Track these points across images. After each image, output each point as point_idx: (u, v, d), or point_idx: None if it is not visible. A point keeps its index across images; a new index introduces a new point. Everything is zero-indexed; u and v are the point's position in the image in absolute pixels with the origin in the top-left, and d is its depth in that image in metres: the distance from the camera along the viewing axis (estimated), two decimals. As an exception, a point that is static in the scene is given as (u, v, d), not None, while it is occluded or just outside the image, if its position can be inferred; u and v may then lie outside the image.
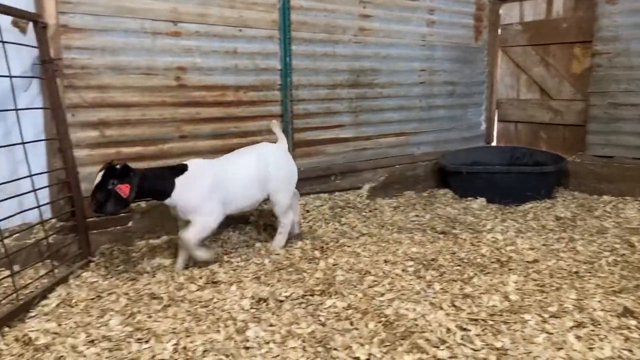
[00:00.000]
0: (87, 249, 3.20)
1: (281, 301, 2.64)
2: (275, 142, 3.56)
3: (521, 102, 5.92)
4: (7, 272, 2.90)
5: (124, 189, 2.76)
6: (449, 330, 2.30)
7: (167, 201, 3.01)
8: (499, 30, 5.97)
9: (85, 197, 3.24)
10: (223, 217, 3.17)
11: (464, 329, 2.31)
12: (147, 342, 2.24)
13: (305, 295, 2.70)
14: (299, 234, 3.77)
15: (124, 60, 3.40)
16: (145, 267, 3.16)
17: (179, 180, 3.00)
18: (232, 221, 3.87)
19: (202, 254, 3.12)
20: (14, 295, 2.54)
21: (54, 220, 3.14)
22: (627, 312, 2.41)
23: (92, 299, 2.69)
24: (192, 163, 3.11)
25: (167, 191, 2.97)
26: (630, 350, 2.11)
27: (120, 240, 3.48)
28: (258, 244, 3.57)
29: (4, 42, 2.62)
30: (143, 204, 3.59)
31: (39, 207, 2.87)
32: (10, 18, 2.90)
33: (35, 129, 3.13)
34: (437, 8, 5.24)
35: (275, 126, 3.58)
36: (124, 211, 3.27)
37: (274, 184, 3.37)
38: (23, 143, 2.74)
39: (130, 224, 3.54)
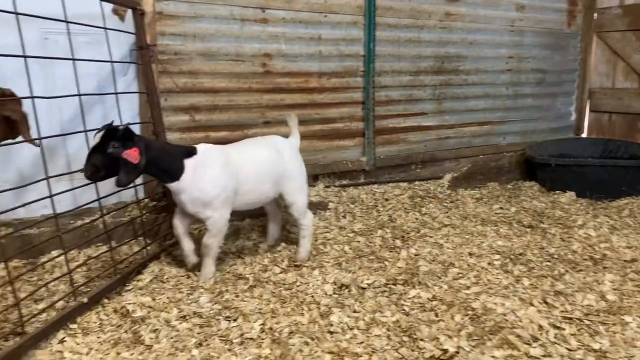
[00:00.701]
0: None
1: (363, 288, 2.63)
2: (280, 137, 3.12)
3: (616, 91, 5.53)
4: (104, 248, 3.10)
5: (132, 154, 2.36)
6: (541, 327, 2.21)
7: (174, 185, 2.58)
8: (595, 15, 5.58)
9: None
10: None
11: (558, 328, 2.21)
12: (235, 320, 2.30)
13: (388, 284, 2.68)
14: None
15: (213, 46, 3.49)
16: (230, 248, 3.24)
17: (188, 163, 2.58)
18: (312, 207, 3.90)
19: (213, 268, 2.77)
20: (112, 269, 2.70)
21: (147, 200, 3.29)
22: None
23: (182, 275, 2.80)
24: (202, 147, 2.69)
25: (174, 172, 2.55)
26: None
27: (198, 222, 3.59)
28: (336, 230, 3.57)
29: (107, 29, 2.76)
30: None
31: (134, 186, 3.01)
32: (110, 6, 3.05)
33: (132, 112, 3.28)
34: (528, -9, 4.99)
35: (292, 119, 3.16)
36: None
37: (291, 182, 2.95)
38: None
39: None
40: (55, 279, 2.57)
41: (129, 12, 3.13)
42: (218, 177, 2.62)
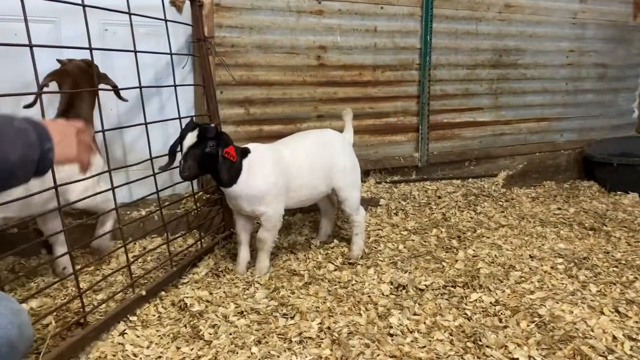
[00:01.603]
0: (230, 221, 3.33)
1: (422, 290, 2.56)
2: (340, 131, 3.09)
3: (686, 87, 5.23)
4: (159, 240, 3.13)
5: (231, 152, 2.40)
6: (615, 338, 2.09)
7: (232, 189, 2.54)
8: (664, 6, 5.28)
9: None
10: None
11: (634, 339, 2.08)
12: (292, 317, 2.27)
13: (447, 286, 2.59)
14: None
15: (269, 38, 3.46)
16: (282, 243, 3.22)
17: (244, 163, 2.54)
18: (363, 203, 3.85)
19: (267, 262, 2.78)
20: (168, 262, 2.71)
21: (200, 193, 3.30)
22: None
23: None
24: (253, 147, 2.65)
25: (235, 173, 2.51)
26: None
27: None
28: (388, 228, 3.50)
29: (166, 21, 2.75)
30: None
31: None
32: (169, -3, 3.06)
33: (187, 104, 3.29)
34: (593, -19, 4.76)
35: (348, 113, 3.09)
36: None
37: (344, 177, 2.88)
38: (179, 118, 2.87)
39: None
40: (115, 271, 2.60)
41: (187, 3, 3.12)
42: (269, 174, 2.59)
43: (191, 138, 2.34)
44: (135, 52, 2.47)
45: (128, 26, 2.40)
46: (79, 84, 2.50)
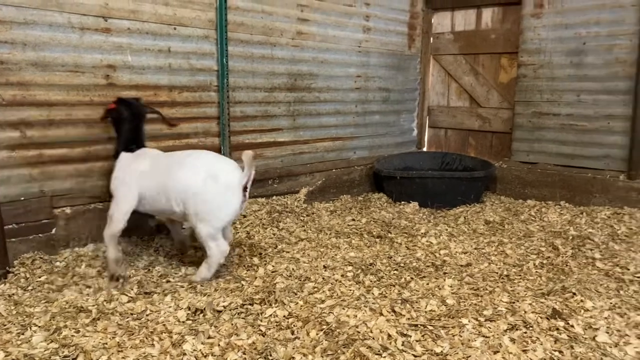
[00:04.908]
0: (5, 259, 2.96)
1: (219, 311, 2.56)
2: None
3: (451, 109, 6.12)
4: None
5: None
6: (390, 336, 2.32)
7: None
8: (432, 39, 6.14)
9: (2, 202, 3.00)
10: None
11: (405, 335, 2.34)
12: (74, 359, 2.09)
13: (245, 305, 2.63)
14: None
15: (48, 56, 3.17)
16: (70, 278, 2.95)
17: None
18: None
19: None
20: None
21: None
22: (555, 314, 2.52)
23: (11, 313, 2.48)
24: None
25: None
26: (560, 352, 2.20)
27: (42, 249, 3.25)
28: (190, 251, 3.44)
29: None
30: (68, 209, 3.37)
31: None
32: None
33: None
34: (373, 15, 5.31)
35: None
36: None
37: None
38: None
39: (53, 231, 3.31)
40: None
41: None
42: None
43: None
44: None
45: None
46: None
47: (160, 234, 3.73)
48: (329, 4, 4.83)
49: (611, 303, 2.68)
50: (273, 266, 3.19)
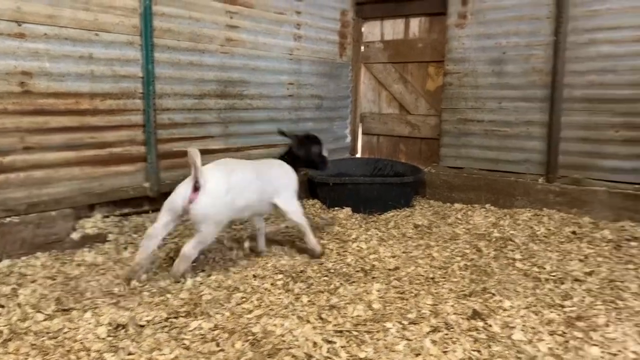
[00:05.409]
0: None
1: (142, 326, 2.48)
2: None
3: (382, 116, 6.26)
4: None
5: None
6: (315, 344, 2.32)
7: None
8: (363, 47, 6.26)
9: None
10: None
11: (330, 342, 2.35)
12: (-21, 385, 1.96)
13: (169, 318, 2.56)
14: None
15: (-47, 61, 2.99)
16: (-18, 297, 2.78)
17: None
18: (87, 240, 3.60)
19: None
20: None
21: None
22: (475, 315, 2.62)
23: None
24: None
25: None
26: (478, 351, 2.29)
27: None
28: (111, 264, 3.32)
29: None
30: (-21, 224, 3.18)
31: None
32: None
33: None
34: (304, 23, 5.36)
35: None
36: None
37: None
38: None
39: (-38, 247, 3.11)
40: None
41: None
42: None
43: None
44: None
45: None
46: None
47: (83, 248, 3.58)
48: (259, 12, 4.83)
49: (528, 302, 2.82)
50: (201, 277, 3.13)
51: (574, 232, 4.15)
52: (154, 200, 4.17)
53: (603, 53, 4.55)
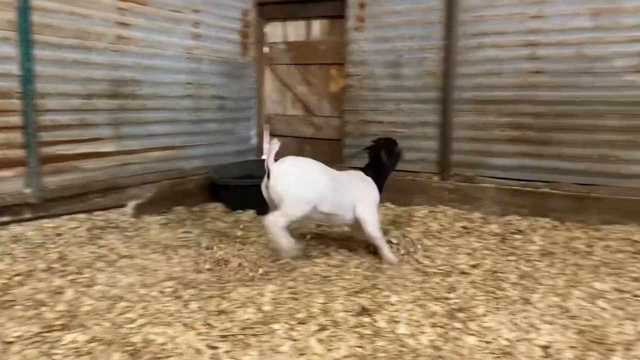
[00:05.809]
0: None
1: (9, 343, 2.29)
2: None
3: (288, 118, 6.26)
4: None
5: None
6: (198, 351, 2.26)
7: None
8: (266, 48, 6.22)
9: None
10: None
11: (214, 348, 2.29)
12: None
13: (42, 333, 2.39)
14: None
15: None
16: None
17: None
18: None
19: None
20: None
21: None
22: (363, 311, 2.66)
23: None
24: None
25: None
26: (362, 347, 2.32)
27: None
28: None
29: None
30: None
31: None
32: None
33: None
34: (203, 22, 5.24)
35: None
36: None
37: None
38: None
39: None
40: None
41: None
42: None
43: None
44: None
45: None
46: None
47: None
48: (153, 9, 4.66)
49: (414, 296, 2.91)
50: (83, 287, 2.95)
51: (464, 227, 4.36)
52: (37, 207, 3.90)
53: (490, 57, 4.83)
